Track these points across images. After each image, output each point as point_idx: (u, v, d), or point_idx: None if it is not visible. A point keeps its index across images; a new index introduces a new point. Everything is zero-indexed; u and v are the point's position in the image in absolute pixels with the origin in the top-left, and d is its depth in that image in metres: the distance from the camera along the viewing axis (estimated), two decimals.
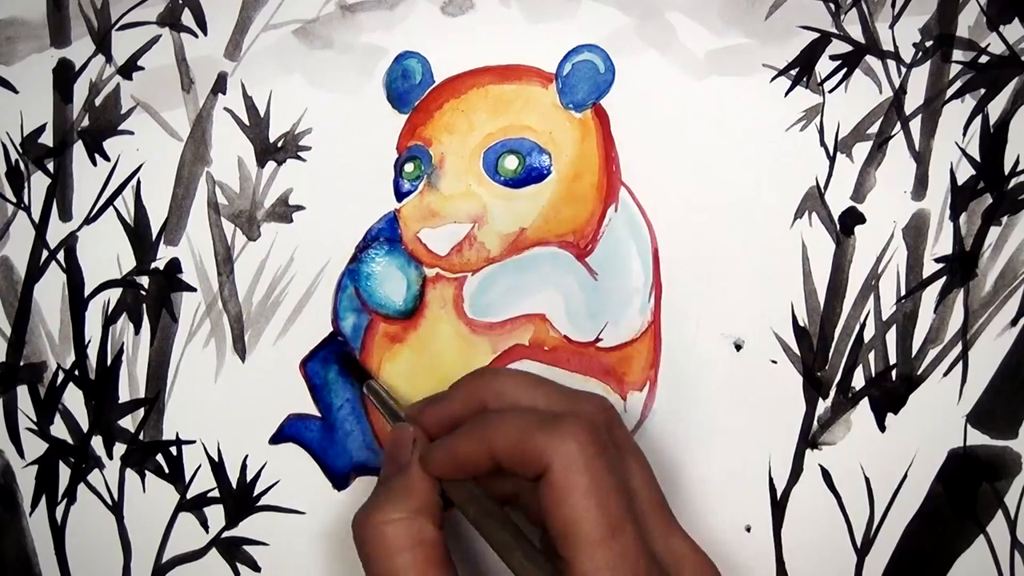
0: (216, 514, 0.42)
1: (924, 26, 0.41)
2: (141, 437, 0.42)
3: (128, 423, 0.43)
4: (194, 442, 0.42)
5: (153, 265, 0.43)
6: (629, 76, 0.41)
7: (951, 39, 0.40)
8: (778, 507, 0.41)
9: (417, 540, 0.33)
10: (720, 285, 0.41)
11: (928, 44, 0.41)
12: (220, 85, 0.42)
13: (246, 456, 0.42)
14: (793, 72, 0.41)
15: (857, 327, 0.41)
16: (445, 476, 0.34)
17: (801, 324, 0.41)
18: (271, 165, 0.42)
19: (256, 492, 0.42)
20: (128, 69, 0.43)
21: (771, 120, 0.41)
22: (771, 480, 0.41)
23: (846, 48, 0.41)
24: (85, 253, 0.43)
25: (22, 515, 0.43)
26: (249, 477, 0.42)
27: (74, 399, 0.43)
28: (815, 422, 0.41)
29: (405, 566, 0.32)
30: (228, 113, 0.43)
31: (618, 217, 0.41)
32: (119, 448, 0.43)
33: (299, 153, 0.42)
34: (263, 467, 0.42)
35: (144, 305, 0.43)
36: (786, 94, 0.41)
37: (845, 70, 0.41)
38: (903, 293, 0.41)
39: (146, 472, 0.42)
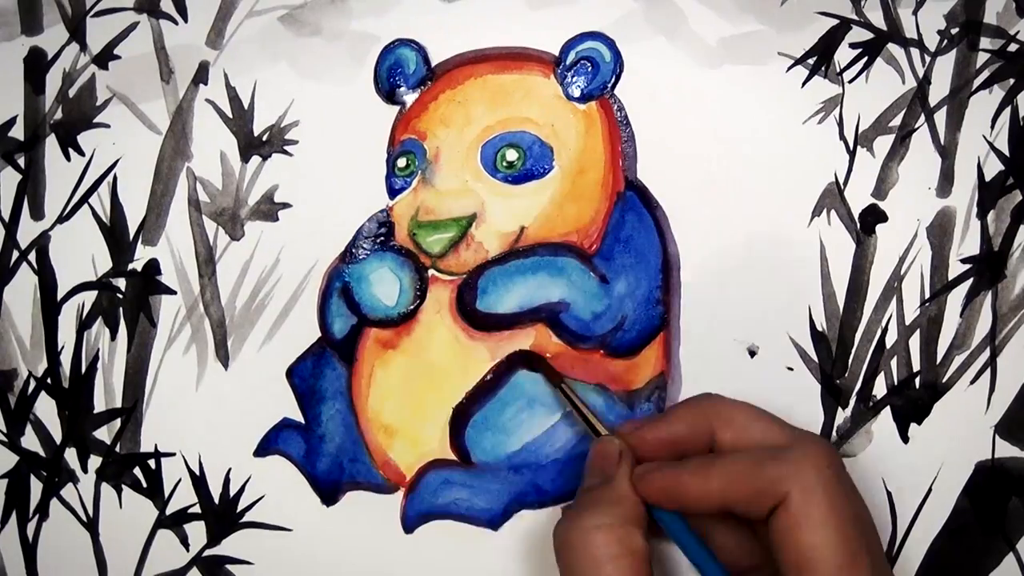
0: (197, 531, 0.42)
1: (949, 12, 0.40)
2: (117, 449, 0.42)
3: (104, 434, 0.42)
4: (174, 455, 0.42)
5: (130, 266, 0.42)
6: (636, 65, 0.41)
7: (978, 26, 0.40)
8: None
9: (627, 549, 0.32)
10: (733, 288, 0.40)
11: (954, 31, 0.40)
12: (201, 75, 0.42)
13: (229, 469, 0.42)
14: (811, 61, 0.41)
15: (878, 332, 0.40)
16: (658, 503, 0.34)
17: (819, 329, 0.40)
18: (255, 160, 0.42)
19: (240, 508, 0.42)
20: (104, 58, 0.43)
21: (787, 112, 0.41)
22: None
23: (867, 35, 0.40)
24: (58, 254, 0.43)
25: None
26: (232, 492, 0.42)
27: (46, 409, 0.43)
28: (834, 432, 0.40)
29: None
30: (210, 105, 0.42)
31: (625, 216, 0.40)
32: (94, 461, 0.42)
33: (285, 147, 0.42)
34: (247, 481, 0.42)
35: (121, 309, 0.42)
36: (803, 84, 0.41)
37: (866, 59, 0.40)
38: (927, 296, 0.40)
39: (123, 486, 0.42)
